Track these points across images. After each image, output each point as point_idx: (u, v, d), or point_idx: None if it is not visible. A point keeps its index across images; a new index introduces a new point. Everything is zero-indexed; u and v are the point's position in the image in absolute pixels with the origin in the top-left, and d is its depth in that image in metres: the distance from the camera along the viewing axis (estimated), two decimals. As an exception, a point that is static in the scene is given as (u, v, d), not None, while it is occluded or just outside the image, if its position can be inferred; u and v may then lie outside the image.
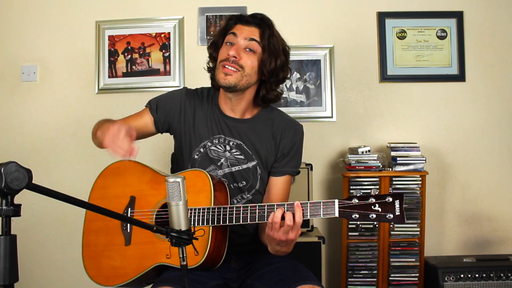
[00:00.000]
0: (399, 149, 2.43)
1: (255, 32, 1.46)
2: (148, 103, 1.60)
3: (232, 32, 1.47)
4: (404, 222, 1.21)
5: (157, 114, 1.56)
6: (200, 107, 1.55)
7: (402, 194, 1.23)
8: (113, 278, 1.45)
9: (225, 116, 1.54)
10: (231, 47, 1.45)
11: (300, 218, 1.24)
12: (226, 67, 1.43)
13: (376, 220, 1.22)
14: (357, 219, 1.23)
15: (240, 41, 1.45)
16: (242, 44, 1.45)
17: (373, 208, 1.22)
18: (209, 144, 1.53)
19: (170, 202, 1.11)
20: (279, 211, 1.26)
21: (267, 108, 1.58)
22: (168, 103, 1.56)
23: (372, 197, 1.23)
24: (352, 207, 1.24)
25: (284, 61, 1.49)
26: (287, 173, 1.55)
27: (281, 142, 1.54)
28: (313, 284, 1.31)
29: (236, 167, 1.53)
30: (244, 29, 1.47)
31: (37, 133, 2.70)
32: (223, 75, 1.43)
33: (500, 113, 2.69)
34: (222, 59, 1.45)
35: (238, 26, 1.49)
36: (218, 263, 1.39)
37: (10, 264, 0.79)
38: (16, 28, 2.71)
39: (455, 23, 2.70)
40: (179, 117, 1.55)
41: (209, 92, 1.59)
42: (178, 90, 1.61)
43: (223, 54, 1.46)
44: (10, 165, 0.77)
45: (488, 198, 2.68)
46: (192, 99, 1.56)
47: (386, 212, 1.21)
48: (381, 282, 2.39)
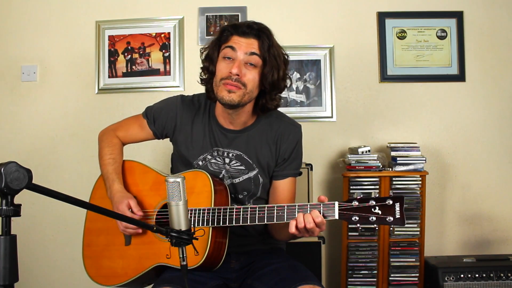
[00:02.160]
0: (399, 149, 2.43)
1: (254, 44, 1.39)
2: (145, 114, 1.58)
3: (230, 46, 1.39)
4: (404, 225, 1.21)
5: (155, 127, 1.56)
6: (198, 119, 1.52)
7: (403, 197, 1.23)
8: (113, 278, 1.46)
9: (223, 129, 1.50)
10: (231, 63, 1.38)
11: (317, 217, 1.23)
12: (228, 85, 1.38)
13: (376, 223, 1.21)
14: (357, 222, 1.22)
15: (239, 56, 1.38)
16: (242, 59, 1.38)
17: (373, 211, 1.22)
18: (209, 157, 1.51)
19: (170, 202, 1.12)
20: (298, 219, 1.25)
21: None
22: (164, 116, 1.54)
23: (372, 200, 1.23)
24: (352, 209, 1.23)
25: (284, 70, 1.45)
26: (289, 176, 1.54)
27: (281, 147, 1.51)
28: (313, 284, 1.31)
29: (237, 178, 1.51)
30: (242, 42, 1.39)
31: (37, 133, 2.70)
32: (226, 93, 1.38)
33: (500, 113, 2.69)
34: (224, 77, 1.38)
35: (235, 38, 1.40)
36: (218, 264, 1.39)
37: (10, 264, 0.79)
38: (16, 28, 2.71)
39: (455, 23, 2.70)
40: (176, 130, 1.53)
41: (206, 102, 1.54)
42: (173, 100, 1.56)
43: (223, 71, 1.39)
44: (10, 165, 0.77)
45: (488, 198, 2.68)
46: (189, 110, 1.53)
47: (386, 215, 1.21)
48: (381, 282, 2.39)
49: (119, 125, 1.65)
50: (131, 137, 1.62)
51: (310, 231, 1.24)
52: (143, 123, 1.58)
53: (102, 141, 1.61)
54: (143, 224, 1.17)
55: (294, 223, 1.25)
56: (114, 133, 1.62)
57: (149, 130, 1.58)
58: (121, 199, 1.43)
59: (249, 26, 1.41)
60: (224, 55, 1.41)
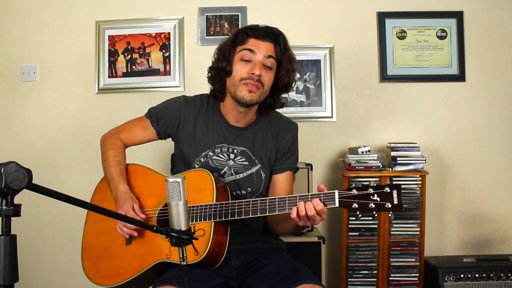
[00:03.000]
0: (399, 149, 2.43)
1: (271, 48, 1.48)
2: (148, 115, 1.61)
3: (249, 48, 1.46)
4: (402, 210, 1.26)
5: (158, 126, 1.59)
6: (201, 116, 1.56)
7: (399, 185, 1.27)
8: (113, 277, 1.46)
9: (230, 126, 1.56)
10: (250, 65, 1.46)
11: (318, 205, 1.25)
12: (249, 84, 1.45)
13: (375, 210, 1.25)
14: (356, 209, 1.26)
15: (259, 58, 1.46)
16: (261, 61, 1.46)
17: (372, 198, 1.26)
18: (211, 154, 1.54)
19: (170, 202, 1.12)
20: (299, 207, 1.27)
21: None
22: (168, 114, 1.57)
23: (371, 188, 1.27)
24: (352, 197, 1.26)
25: (295, 73, 1.56)
26: (287, 169, 1.60)
27: (281, 142, 1.59)
28: (314, 283, 1.31)
29: (241, 174, 1.55)
30: (261, 45, 1.47)
31: (37, 133, 2.70)
32: (247, 92, 1.45)
33: (500, 113, 2.69)
34: (244, 77, 1.45)
35: (252, 41, 1.48)
36: (218, 261, 1.40)
37: (10, 264, 0.79)
38: (16, 28, 2.71)
39: (455, 23, 2.70)
40: (179, 128, 1.57)
41: (208, 101, 1.59)
42: (176, 99, 1.60)
43: (242, 71, 1.46)
44: (10, 165, 0.77)
45: (488, 198, 2.68)
46: (192, 108, 1.57)
47: (385, 201, 1.25)
48: (381, 282, 2.39)
49: (121, 127, 1.66)
50: (134, 139, 1.64)
51: (311, 218, 1.27)
52: (146, 123, 1.60)
53: (105, 144, 1.62)
54: (143, 224, 1.17)
55: (295, 209, 1.28)
56: (117, 136, 1.63)
57: (152, 130, 1.59)
58: (127, 199, 1.45)
59: (265, 30, 1.49)
60: (242, 57, 1.47)
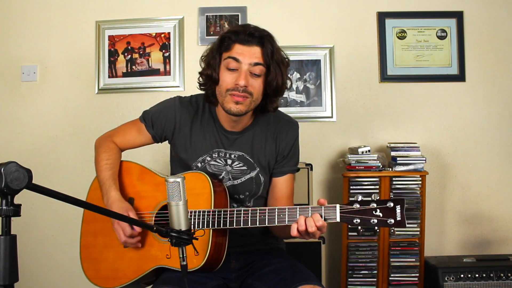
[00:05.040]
0: (399, 149, 2.43)
1: (258, 52, 1.38)
2: (142, 118, 1.56)
3: (233, 57, 1.38)
4: (405, 227, 1.22)
5: (154, 131, 1.54)
6: (196, 120, 1.51)
7: (403, 199, 1.23)
8: (112, 280, 1.45)
9: (225, 131, 1.51)
10: (236, 74, 1.38)
11: (319, 221, 1.23)
12: (235, 96, 1.37)
13: (377, 225, 1.22)
14: (358, 224, 1.23)
15: (244, 66, 1.37)
16: (247, 69, 1.37)
17: (374, 213, 1.22)
18: (208, 159, 1.50)
19: (170, 202, 1.12)
20: (299, 222, 1.24)
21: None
22: (163, 118, 1.52)
23: (373, 202, 1.23)
24: (353, 212, 1.23)
25: (286, 75, 1.45)
26: (287, 173, 1.55)
27: (280, 145, 1.53)
28: (314, 284, 1.31)
29: (239, 179, 1.51)
30: (246, 51, 1.37)
31: (37, 133, 2.70)
32: (234, 104, 1.38)
33: (500, 113, 2.69)
34: (230, 88, 1.38)
35: (237, 47, 1.38)
36: (218, 265, 1.39)
37: (10, 264, 0.79)
38: (16, 28, 2.71)
39: (455, 23, 2.70)
40: (175, 132, 1.52)
41: (204, 103, 1.53)
42: (171, 101, 1.54)
43: (228, 82, 1.38)
44: (10, 165, 0.77)
45: (488, 198, 2.68)
46: (187, 111, 1.51)
47: (387, 217, 1.21)
48: (381, 282, 2.39)
49: (115, 131, 1.62)
50: (129, 143, 1.60)
51: (311, 234, 1.25)
52: (141, 127, 1.56)
53: (99, 147, 1.58)
54: (143, 224, 1.17)
55: (295, 226, 1.25)
56: (111, 139, 1.59)
57: (147, 134, 1.55)
58: (121, 210, 1.40)
59: (250, 34, 1.38)
60: (227, 66, 1.39)
